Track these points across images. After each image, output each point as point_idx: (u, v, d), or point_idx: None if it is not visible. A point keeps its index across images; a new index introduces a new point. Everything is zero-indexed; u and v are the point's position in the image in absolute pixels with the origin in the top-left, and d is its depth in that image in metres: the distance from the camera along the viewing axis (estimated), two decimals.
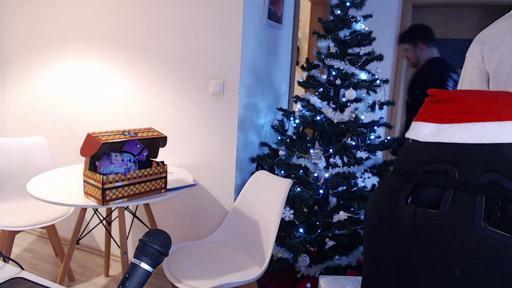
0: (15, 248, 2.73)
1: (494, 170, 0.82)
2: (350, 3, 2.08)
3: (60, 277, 1.99)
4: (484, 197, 0.82)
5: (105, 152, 1.72)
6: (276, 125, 2.34)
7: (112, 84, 2.47)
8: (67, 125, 2.69)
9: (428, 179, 0.91)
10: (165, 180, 1.85)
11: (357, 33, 2.09)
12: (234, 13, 2.06)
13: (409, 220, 0.92)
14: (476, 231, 0.82)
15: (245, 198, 2.11)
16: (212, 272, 1.73)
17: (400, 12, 3.56)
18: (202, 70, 2.19)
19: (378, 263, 0.99)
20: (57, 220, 2.18)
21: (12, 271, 1.01)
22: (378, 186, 1.09)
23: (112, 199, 1.66)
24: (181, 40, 2.22)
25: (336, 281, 1.64)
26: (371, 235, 1.02)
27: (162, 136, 1.83)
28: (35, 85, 2.76)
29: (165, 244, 0.76)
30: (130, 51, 2.38)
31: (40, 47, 2.70)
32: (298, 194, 2.02)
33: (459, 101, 0.91)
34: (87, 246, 2.76)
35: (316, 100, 2.10)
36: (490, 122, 0.85)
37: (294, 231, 2.08)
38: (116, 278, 2.43)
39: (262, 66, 2.37)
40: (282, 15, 2.54)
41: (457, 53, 3.54)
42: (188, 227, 2.39)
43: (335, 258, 2.10)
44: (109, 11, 2.41)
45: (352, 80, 2.07)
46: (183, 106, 2.28)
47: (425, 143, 0.94)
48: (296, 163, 2.10)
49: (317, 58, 2.16)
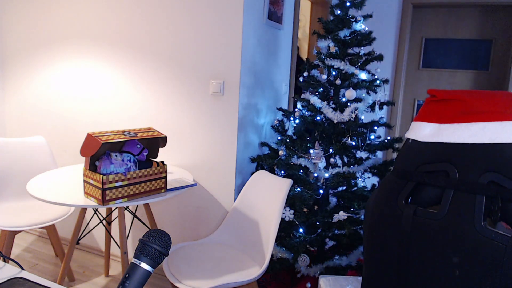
0: (15, 248, 2.73)
1: (494, 170, 0.82)
2: (350, 3, 2.08)
3: (60, 277, 1.99)
4: (484, 197, 0.82)
5: (105, 152, 1.72)
6: (276, 125, 2.34)
7: (112, 84, 2.47)
8: (67, 125, 2.69)
9: (428, 179, 0.91)
10: (165, 180, 1.85)
11: (357, 33, 2.09)
12: (234, 13, 2.06)
13: (409, 220, 0.92)
14: (476, 231, 0.81)
15: (245, 198, 2.11)
16: (212, 272, 1.73)
17: (400, 12, 3.56)
18: (202, 70, 2.19)
19: (378, 263, 0.99)
20: (57, 220, 2.18)
21: (12, 271, 1.01)
22: (378, 186, 1.09)
23: (112, 199, 1.66)
24: (181, 40, 2.22)
25: (336, 281, 1.64)
26: (371, 235, 1.02)
27: (162, 136, 1.83)
28: (35, 85, 2.76)
29: (165, 244, 0.76)
30: (130, 51, 2.38)
31: (40, 47, 2.70)
32: (298, 194, 2.02)
33: (459, 101, 0.91)
34: (87, 246, 2.76)
35: (316, 100, 2.10)
36: (490, 122, 0.85)
37: (294, 231, 2.08)
38: (116, 278, 2.43)
39: (262, 66, 2.37)
40: (282, 15, 2.54)
41: (457, 53, 3.54)
42: (188, 227, 2.39)
43: (335, 258, 2.10)
44: (109, 11, 2.41)
45: (352, 80, 2.07)
46: (183, 106, 2.28)
47: (425, 143, 0.94)
48: (296, 163, 2.10)
49: (317, 58, 2.16)
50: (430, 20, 3.56)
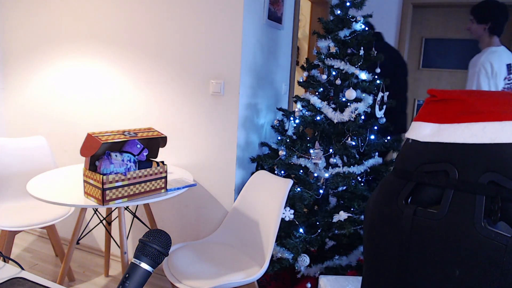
0: (15, 248, 2.73)
1: (494, 170, 0.82)
2: (350, 3, 2.08)
3: (60, 277, 1.99)
4: (484, 197, 0.82)
5: (105, 152, 1.72)
6: (276, 125, 2.34)
7: (112, 84, 2.47)
8: (67, 125, 2.69)
9: (428, 179, 0.91)
10: (165, 180, 1.85)
11: (357, 33, 2.10)
12: (234, 13, 2.06)
13: (409, 220, 0.92)
14: (476, 231, 0.82)
15: (245, 198, 2.11)
16: (212, 272, 1.73)
17: (400, 12, 3.56)
18: (202, 70, 2.19)
19: (378, 263, 0.99)
20: (57, 220, 2.18)
21: (12, 271, 1.01)
22: (378, 186, 1.09)
23: (112, 199, 1.66)
24: (181, 40, 2.22)
25: (336, 281, 1.64)
26: (371, 235, 1.02)
27: (162, 136, 1.83)
28: (36, 85, 2.76)
29: (165, 244, 0.76)
30: (130, 51, 2.38)
31: (41, 47, 2.70)
32: (298, 194, 2.02)
33: (459, 101, 0.91)
34: (87, 246, 2.76)
35: (316, 100, 2.10)
36: (490, 122, 0.85)
37: (294, 231, 2.08)
38: (116, 278, 2.43)
39: (262, 66, 2.37)
40: (282, 15, 2.54)
41: (457, 53, 3.54)
42: (188, 227, 2.39)
43: (335, 258, 2.10)
44: (109, 12, 2.41)
45: (352, 80, 2.07)
46: (183, 106, 2.28)
47: (425, 143, 0.94)
48: (296, 163, 2.10)
49: (317, 58, 2.16)
50: (430, 20, 3.56)
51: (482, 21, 2.45)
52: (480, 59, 2.39)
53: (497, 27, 2.43)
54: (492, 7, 2.42)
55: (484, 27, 2.44)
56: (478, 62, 2.39)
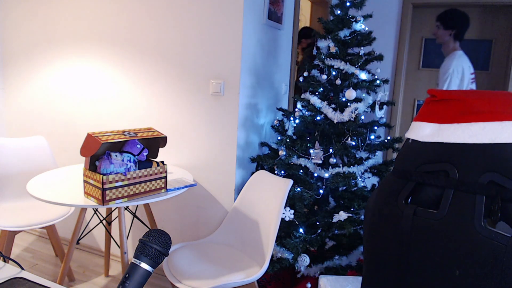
0: (15, 248, 2.73)
1: (494, 170, 0.82)
2: (350, 3, 2.08)
3: (60, 277, 1.99)
4: (484, 197, 0.82)
5: (105, 152, 1.72)
6: (276, 125, 2.34)
7: (112, 84, 2.47)
8: (67, 125, 2.69)
9: (428, 179, 0.91)
10: (165, 180, 1.85)
11: (357, 33, 2.09)
12: (234, 13, 2.06)
13: (409, 220, 0.92)
14: (476, 231, 0.82)
15: (245, 198, 2.11)
16: (212, 272, 1.73)
17: (400, 12, 3.56)
18: (202, 70, 2.19)
19: (378, 263, 0.99)
20: (57, 220, 2.18)
21: (12, 271, 1.01)
22: (378, 186, 1.09)
23: (112, 199, 1.66)
24: (181, 40, 2.22)
25: (336, 281, 1.64)
26: (371, 235, 1.02)
27: (162, 136, 1.83)
28: (36, 85, 2.76)
29: (165, 244, 0.76)
30: (130, 51, 2.38)
31: (41, 47, 2.70)
32: (298, 194, 2.02)
33: (459, 101, 0.91)
34: (87, 246, 2.76)
35: (316, 100, 2.10)
36: (490, 122, 0.85)
37: (294, 231, 2.07)
38: (116, 278, 2.43)
39: (262, 66, 2.37)
40: (282, 15, 2.54)
41: None
42: (188, 227, 2.39)
43: (335, 258, 2.10)
44: (109, 12, 2.41)
45: (352, 80, 2.07)
46: (183, 106, 2.28)
47: (425, 143, 0.94)
48: (296, 163, 2.10)
49: (317, 58, 2.16)
50: (430, 20, 3.56)
51: (448, 27, 2.71)
52: (453, 63, 2.66)
53: (461, 34, 2.71)
54: (458, 15, 2.71)
55: (450, 32, 2.70)
56: (451, 66, 2.65)
